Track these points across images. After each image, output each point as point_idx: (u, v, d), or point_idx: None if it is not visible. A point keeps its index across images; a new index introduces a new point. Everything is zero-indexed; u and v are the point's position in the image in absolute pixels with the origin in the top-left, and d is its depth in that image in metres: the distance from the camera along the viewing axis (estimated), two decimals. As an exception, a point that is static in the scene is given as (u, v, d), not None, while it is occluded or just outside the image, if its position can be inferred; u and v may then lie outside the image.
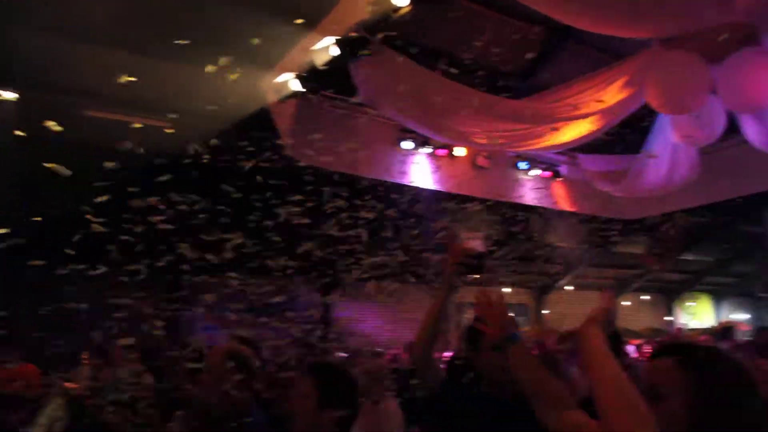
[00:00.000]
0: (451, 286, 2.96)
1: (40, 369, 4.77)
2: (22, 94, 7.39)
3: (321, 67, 7.58)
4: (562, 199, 11.35)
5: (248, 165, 8.80)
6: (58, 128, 5.17)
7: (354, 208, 11.49)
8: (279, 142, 8.41)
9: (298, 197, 6.30)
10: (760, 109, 8.00)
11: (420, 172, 10.14)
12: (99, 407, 5.40)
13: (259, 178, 8.75)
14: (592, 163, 10.77)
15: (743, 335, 14.25)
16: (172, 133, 8.85)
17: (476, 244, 3.08)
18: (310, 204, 9.68)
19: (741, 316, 24.20)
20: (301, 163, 8.72)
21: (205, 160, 8.94)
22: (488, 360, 2.61)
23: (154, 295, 13.51)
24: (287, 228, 11.92)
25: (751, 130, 9.10)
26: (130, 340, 7.07)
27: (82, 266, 5.10)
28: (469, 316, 4.99)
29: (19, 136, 8.18)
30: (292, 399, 2.44)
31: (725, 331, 14.48)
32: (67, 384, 5.96)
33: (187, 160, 9.19)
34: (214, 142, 6.37)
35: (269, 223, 10.78)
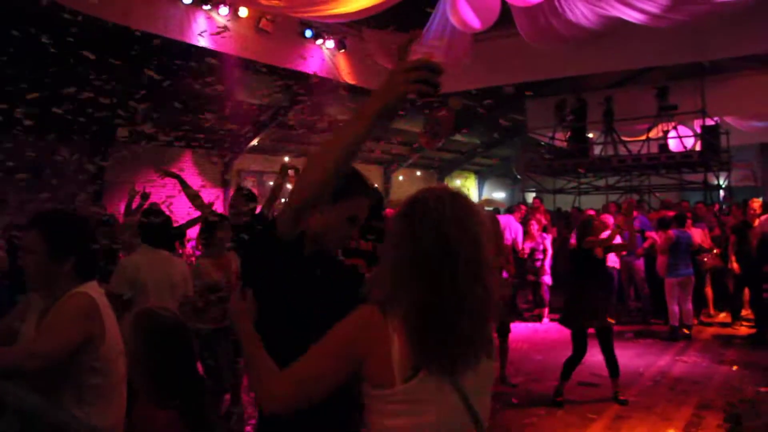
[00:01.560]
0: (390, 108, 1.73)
1: None
2: None
3: None
4: (345, 71, 11.45)
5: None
6: None
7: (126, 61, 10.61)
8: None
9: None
10: (528, 2, 8.60)
11: (201, 31, 9.53)
12: None
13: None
14: (375, 38, 10.91)
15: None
16: None
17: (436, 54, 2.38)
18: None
19: (499, 195, 27.16)
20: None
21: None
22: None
23: None
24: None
25: (520, 22, 9.80)
26: None
27: None
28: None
29: None
30: (23, 257, 2.28)
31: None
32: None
33: None
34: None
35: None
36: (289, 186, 4.58)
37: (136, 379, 2.18)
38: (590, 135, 17.31)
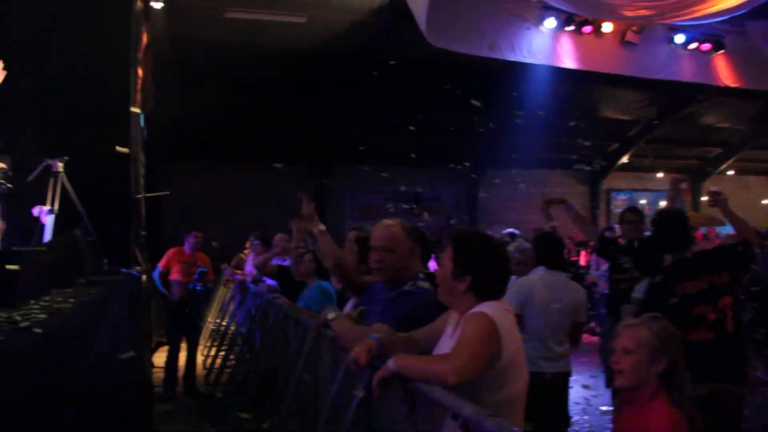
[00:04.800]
0: None
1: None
2: (166, 3, 7.79)
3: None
4: (724, 73, 10.28)
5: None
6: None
7: (488, 95, 11.25)
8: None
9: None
10: None
11: (565, 51, 9.59)
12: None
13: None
14: (765, 30, 9.59)
15: None
16: (308, 29, 9.05)
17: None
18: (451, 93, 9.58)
19: None
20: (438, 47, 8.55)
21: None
22: None
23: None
24: (425, 119, 11.97)
25: None
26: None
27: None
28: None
29: (173, 41, 8.76)
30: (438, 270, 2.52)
31: None
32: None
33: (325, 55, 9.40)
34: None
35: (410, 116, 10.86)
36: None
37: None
38: None
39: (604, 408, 5.82)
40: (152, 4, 7.82)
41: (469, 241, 2.47)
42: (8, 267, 3.28)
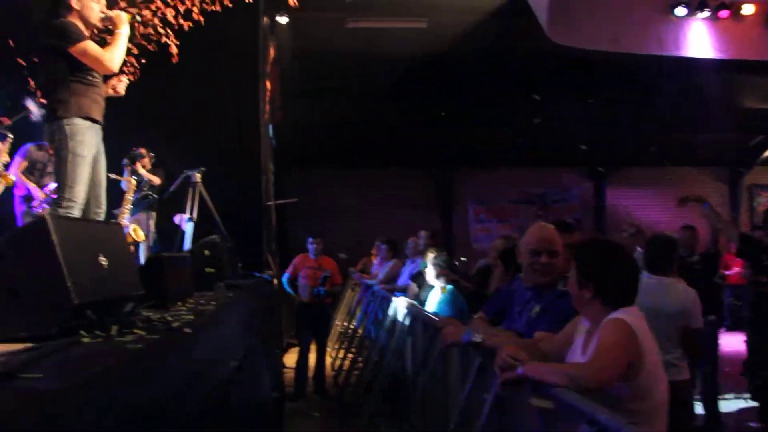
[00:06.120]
0: None
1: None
2: (291, 17, 8.10)
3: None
4: None
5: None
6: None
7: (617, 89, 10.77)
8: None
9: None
10: None
11: (698, 40, 8.99)
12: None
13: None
14: None
15: None
16: (428, 33, 9.09)
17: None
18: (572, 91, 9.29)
19: None
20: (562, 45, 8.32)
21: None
22: None
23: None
24: (549, 117, 11.68)
25: None
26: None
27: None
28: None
29: (298, 53, 9.12)
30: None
31: None
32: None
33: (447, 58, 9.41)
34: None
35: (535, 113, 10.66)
36: None
37: None
38: None
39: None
40: (278, 18, 8.17)
41: (590, 250, 2.52)
42: (207, 270, 3.60)
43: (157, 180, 6.56)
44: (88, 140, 3.34)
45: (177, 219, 6.11)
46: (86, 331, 1.90)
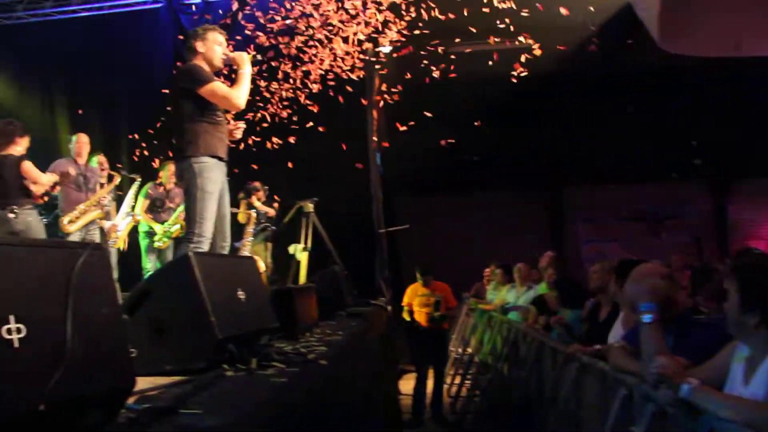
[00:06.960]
0: None
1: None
2: (394, 47, 8.20)
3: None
4: None
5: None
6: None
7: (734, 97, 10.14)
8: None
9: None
10: None
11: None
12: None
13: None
14: None
15: None
16: (531, 52, 8.95)
17: None
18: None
19: None
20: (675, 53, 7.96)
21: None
22: None
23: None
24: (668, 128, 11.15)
25: None
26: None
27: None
28: None
29: (402, 80, 9.23)
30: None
31: None
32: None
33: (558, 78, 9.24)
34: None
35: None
36: None
37: None
38: None
39: None
40: (380, 49, 8.29)
41: (755, 269, 2.18)
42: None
43: (271, 212, 6.79)
44: (214, 177, 3.47)
45: (291, 249, 6.26)
46: (228, 364, 1.94)
